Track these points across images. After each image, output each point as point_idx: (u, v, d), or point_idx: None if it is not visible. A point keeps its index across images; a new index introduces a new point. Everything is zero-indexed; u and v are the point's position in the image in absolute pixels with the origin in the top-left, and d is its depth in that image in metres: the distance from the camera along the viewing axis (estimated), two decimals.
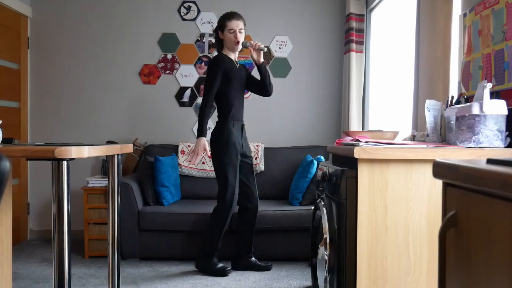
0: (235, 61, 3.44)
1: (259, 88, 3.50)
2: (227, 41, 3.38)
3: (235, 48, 3.39)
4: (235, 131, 3.37)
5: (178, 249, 3.70)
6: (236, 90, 3.39)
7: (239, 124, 3.42)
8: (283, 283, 3.20)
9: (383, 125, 3.96)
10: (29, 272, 3.42)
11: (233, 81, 3.36)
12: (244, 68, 3.53)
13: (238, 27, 3.35)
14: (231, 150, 3.32)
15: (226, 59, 3.37)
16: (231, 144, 3.32)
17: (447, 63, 2.53)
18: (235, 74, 3.38)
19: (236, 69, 3.40)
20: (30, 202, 4.56)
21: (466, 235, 0.93)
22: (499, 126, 1.91)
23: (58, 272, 1.90)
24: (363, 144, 1.95)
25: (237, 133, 3.38)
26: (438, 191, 1.91)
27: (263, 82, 3.45)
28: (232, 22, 3.35)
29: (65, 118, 4.56)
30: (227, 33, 3.36)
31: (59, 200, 1.90)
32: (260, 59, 3.39)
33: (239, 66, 3.46)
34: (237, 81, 3.39)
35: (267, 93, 3.50)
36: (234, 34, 3.35)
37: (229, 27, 3.35)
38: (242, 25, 3.38)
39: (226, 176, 3.31)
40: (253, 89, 3.54)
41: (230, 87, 3.35)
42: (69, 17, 4.55)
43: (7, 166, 1.39)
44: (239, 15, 3.40)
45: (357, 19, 4.20)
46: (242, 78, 3.45)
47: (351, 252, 1.98)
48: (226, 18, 3.38)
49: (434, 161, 1.02)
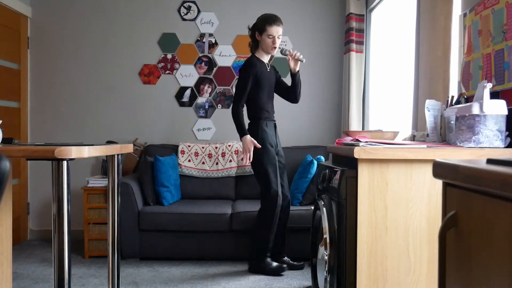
0: (267, 63, 3.45)
1: (288, 94, 3.53)
2: (264, 44, 3.36)
3: (271, 52, 3.40)
4: (269, 130, 3.38)
5: (178, 249, 3.70)
6: (267, 92, 3.40)
7: (272, 124, 3.45)
8: (283, 283, 3.20)
9: (383, 125, 3.96)
10: (29, 272, 3.42)
11: (263, 84, 3.37)
12: (274, 71, 3.53)
13: (278, 33, 3.33)
14: (268, 148, 3.33)
15: (258, 63, 3.37)
16: (267, 143, 3.33)
17: (447, 63, 2.53)
18: (266, 77, 3.39)
19: (267, 72, 3.41)
20: (30, 202, 4.56)
21: (466, 235, 0.93)
22: (499, 126, 1.91)
23: (58, 272, 1.90)
24: (363, 144, 1.95)
25: (271, 132, 3.39)
26: (438, 191, 1.91)
27: (294, 90, 3.48)
28: (273, 28, 3.31)
29: (65, 118, 4.56)
30: (265, 37, 3.33)
31: (59, 200, 1.90)
32: (297, 68, 3.41)
33: (270, 68, 3.47)
34: (268, 84, 3.40)
35: (295, 100, 3.55)
36: (273, 39, 3.33)
37: (268, 32, 3.32)
38: (281, 31, 3.36)
39: (267, 174, 3.31)
40: (281, 93, 3.57)
41: (261, 90, 3.37)
42: (69, 17, 4.55)
43: (7, 166, 1.39)
44: (280, 21, 3.36)
45: (357, 19, 4.20)
46: (272, 81, 3.47)
47: (351, 252, 1.98)
48: (267, 22, 3.32)
49: (434, 161, 1.02)
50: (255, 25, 3.40)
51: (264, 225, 3.33)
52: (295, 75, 3.43)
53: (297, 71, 3.42)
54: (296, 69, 3.41)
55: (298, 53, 3.34)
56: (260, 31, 3.36)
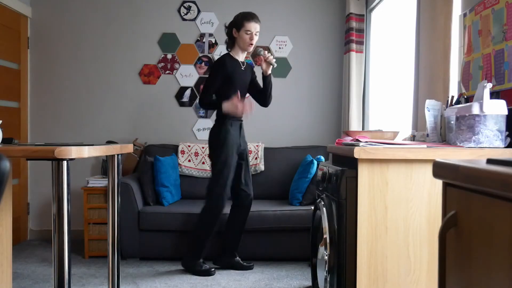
0: (242, 62, 3.44)
1: (259, 96, 3.53)
2: (241, 41, 3.35)
3: (248, 49, 3.39)
4: (233, 130, 3.36)
5: (178, 249, 3.70)
6: (237, 91, 3.38)
7: (238, 124, 3.41)
8: (283, 283, 3.20)
9: (383, 125, 3.96)
10: (29, 272, 3.42)
11: (235, 83, 3.35)
12: (250, 69, 3.52)
13: (255, 29, 3.33)
14: (228, 150, 3.31)
15: (230, 61, 3.35)
16: (228, 145, 3.31)
17: (447, 63, 2.53)
18: (239, 76, 3.37)
19: (240, 71, 3.39)
20: (30, 202, 4.56)
21: (466, 235, 0.93)
22: (499, 126, 1.91)
23: (58, 272, 1.90)
24: (363, 144, 1.95)
25: (234, 132, 3.37)
26: (438, 191, 1.91)
27: (264, 93, 3.47)
28: (251, 24, 3.31)
29: (65, 118, 4.56)
30: (243, 34, 3.33)
31: (59, 200, 1.90)
32: (268, 71, 3.40)
33: (245, 66, 3.45)
34: (240, 83, 3.39)
35: (264, 104, 3.54)
36: (250, 36, 3.33)
37: (246, 28, 3.31)
38: (259, 28, 3.37)
39: (219, 176, 3.31)
40: (252, 94, 3.57)
41: (231, 89, 3.34)
42: (69, 17, 4.55)
43: (7, 166, 1.39)
44: (258, 18, 3.37)
45: (357, 19, 4.20)
46: (246, 80, 3.46)
47: (351, 252, 1.98)
48: (245, 18, 3.33)
49: (434, 161, 1.02)
50: (232, 22, 3.40)
51: (203, 225, 3.34)
52: (266, 78, 3.43)
53: (269, 74, 3.42)
54: (267, 72, 3.40)
55: (271, 56, 3.35)
56: (237, 27, 3.35)
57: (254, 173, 4.23)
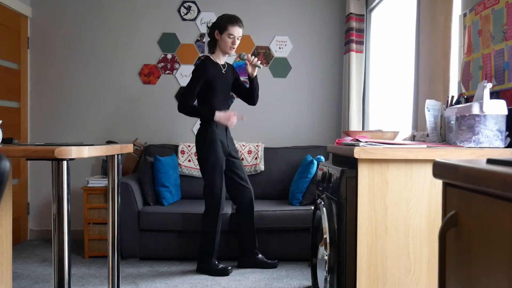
0: (222, 64, 3.45)
1: (245, 96, 3.56)
2: (223, 44, 3.36)
3: (229, 53, 3.40)
4: (219, 131, 3.37)
5: (178, 249, 3.70)
6: (220, 94, 3.40)
7: (223, 126, 3.42)
8: (283, 283, 3.20)
9: (383, 125, 3.96)
10: (29, 272, 3.42)
11: (217, 87, 3.36)
12: (231, 70, 3.53)
13: (238, 34, 3.35)
14: (216, 150, 3.33)
15: (211, 65, 3.36)
16: (216, 144, 3.33)
17: (447, 63, 2.53)
18: (220, 79, 3.38)
19: (221, 74, 3.40)
20: (30, 202, 4.56)
21: (466, 235, 0.93)
22: (499, 126, 1.91)
23: (58, 272, 1.90)
24: (363, 144, 1.95)
25: (221, 133, 3.38)
26: (438, 191, 1.91)
27: (252, 94, 3.50)
28: (235, 28, 3.33)
29: (65, 118, 4.56)
30: (226, 37, 3.34)
31: (59, 200, 1.90)
32: (254, 73, 3.43)
33: (226, 68, 3.46)
34: (222, 86, 3.40)
35: (252, 103, 3.57)
36: (233, 40, 3.34)
37: (230, 31, 3.32)
38: (241, 33, 3.38)
39: (211, 177, 3.33)
40: (238, 94, 3.60)
41: (214, 93, 3.36)
42: (69, 17, 4.55)
43: (7, 166, 1.40)
44: (241, 22, 3.39)
45: (357, 19, 4.20)
46: (228, 82, 3.47)
47: (351, 252, 1.98)
48: (229, 21, 3.33)
49: (434, 161, 1.02)
50: (215, 24, 3.39)
51: (208, 227, 3.36)
52: (252, 80, 3.45)
53: (255, 76, 3.44)
54: (253, 74, 3.43)
55: (255, 59, 3.36)
56: (220, 30, 3.35)
57: (254, 173, 4.23)
